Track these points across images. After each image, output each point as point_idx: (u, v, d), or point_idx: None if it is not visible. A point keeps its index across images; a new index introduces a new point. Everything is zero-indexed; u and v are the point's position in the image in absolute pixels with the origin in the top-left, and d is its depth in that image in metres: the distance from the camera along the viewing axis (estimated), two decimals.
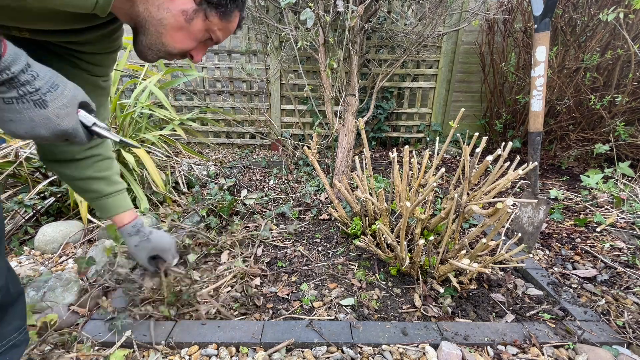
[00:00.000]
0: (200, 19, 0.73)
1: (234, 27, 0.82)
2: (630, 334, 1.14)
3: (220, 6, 0.74)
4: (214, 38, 0.80)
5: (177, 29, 0.72)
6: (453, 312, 1.26)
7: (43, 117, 0.59)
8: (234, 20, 0.80)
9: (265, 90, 3.58)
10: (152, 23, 0.70)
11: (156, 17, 0.69)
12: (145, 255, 1.07)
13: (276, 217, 2.02)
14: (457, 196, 1.29)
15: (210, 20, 0.75)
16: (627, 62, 2.57)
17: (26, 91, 0.56)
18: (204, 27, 0.75)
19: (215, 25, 0.77)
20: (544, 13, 1.50)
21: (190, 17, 0.72)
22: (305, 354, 1.05)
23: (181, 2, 0.70)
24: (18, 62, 0.55)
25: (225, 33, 0.81)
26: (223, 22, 0.77)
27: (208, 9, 0.73)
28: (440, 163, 3.08)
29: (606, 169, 2.34)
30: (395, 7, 3.19)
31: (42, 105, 0.58)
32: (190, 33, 0.74)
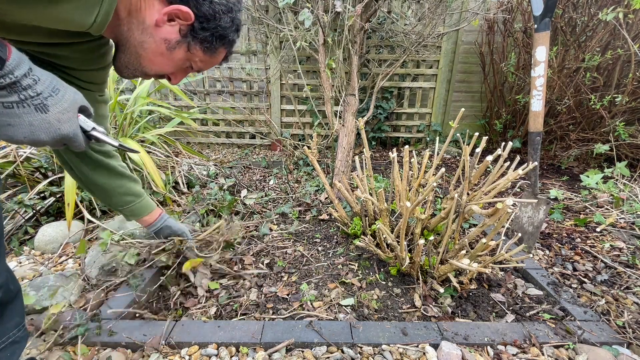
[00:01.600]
0: (182, 49, 0.74)
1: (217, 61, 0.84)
2: (630, 334, 1.14)
3: (206, 42, 0.75)
4: (195, 67, 0.81)
5: (157, 54, 0.73)
6: (453, 312, 1.26)
7: (44, 121, 0.58)
8: (219, 56, 0.82)
9: (265, 90, 3.58)
10: (132, 44, 0.71)
11: (138, 39, 0.70)
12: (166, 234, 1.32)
13: (276, 217, 2.02)
14: (457, 196, 1.29)
15: (193, 52, 0.76)
16: (627, 62, 2.57)
17: (27, 95, 0.56)
18: (186, 57, 0.77)
19: (197, 57, 0.78)
20: (544, 13, 1.50)
21: (173, 47, 0.73)
22: (305, 354, 1.05)
23: (166, 32, 0.71)
24: (21, 66, 0.55)
25: (207, 65, 0.82)
26: (206, 55, 0.78)
27: (192, 42, 0.74)
28: (440, 163, 3.08)
29: (606, 169, 2.34)
30: (395, 7, 3.19)
31: (43, 110, 0.58)
32: (170, 60, 0.75)
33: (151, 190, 2.00)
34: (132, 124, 2.25)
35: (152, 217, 1.27)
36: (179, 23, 0.71)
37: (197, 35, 0.73)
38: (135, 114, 2.21)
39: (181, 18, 0.70)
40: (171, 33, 0.71)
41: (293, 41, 2.55)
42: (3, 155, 1.77)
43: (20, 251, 1.59)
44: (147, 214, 1.24)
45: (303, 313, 1.24)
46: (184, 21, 0.70)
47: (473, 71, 3.54)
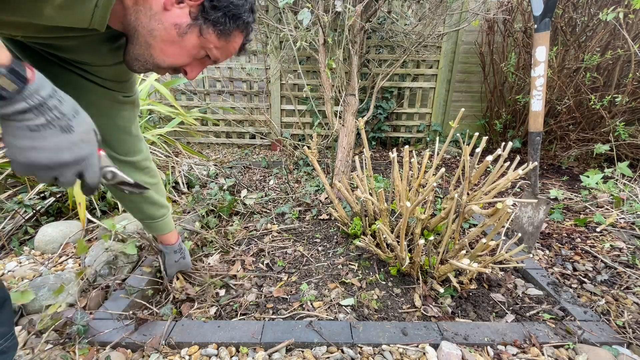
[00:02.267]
0: (194, 34, 0.69)
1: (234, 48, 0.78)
2: (630, 334, 1.14)
3: (218, 24, 0.70)
4: (211, 56, 0.76)
5: (168, 42, 0.68)
6: (453, 312, 1.26)
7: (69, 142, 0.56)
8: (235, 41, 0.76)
9: (265, 90, 3.58)
10: (141, 33, 0.67)
11: (147, 27, 0.66)
12: (178, 269, 1.31)
13: (276, 217, 2.02)
14: (457, 196, 1.29)
15: (206, 37, 0.71)
16: (627, 62, 2.57)
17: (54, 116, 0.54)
18: (199, 43, 0.71)
19: (211, 43, 0.72)
20: (544, 13, 1.50)
21: (184, 32, 0.68)
22: (305, 354, 1.05)
23: (175, 15, 0.66)
24: (45, 86, 0.53)
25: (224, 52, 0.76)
26: (221, 40, 0.73)
27: (204, 25, 0.69)
28: (440, 163, 3.08)
29: (606, 169, 2.34)
30: (395, 7, 3.19)
31: (68, 130, 0.56)
32: (182, 48, 0.70)
33: None
34: None
35: (175, 234, 1.24)
36: (188, 4, 0.67)
37: (208, 16, 0.68)
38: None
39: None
40: (181, 16, 0.67)
41: (293, 41, 2.55)
42: (3, 155, 1.77)
43: (20, 251, 1.59)
44: (173, 228, 1.22)
45: (303, 313, 1.24)
46: (193, 1, 0.66)
47: (473, 71, 3.54)
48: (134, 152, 0.98)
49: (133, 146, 0.97)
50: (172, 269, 1.30)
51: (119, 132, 0.91)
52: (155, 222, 1.13)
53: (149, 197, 1.06)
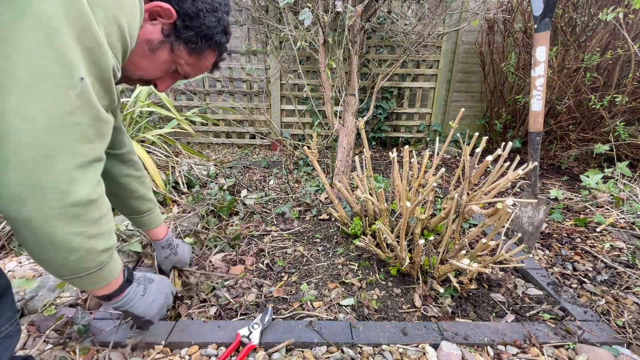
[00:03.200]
0: (166, 50, 0.71)
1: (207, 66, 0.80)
2: (630, 334, 1.14)
3: (190, 42, 0.72)
4: (181, 72, 0.77)
5: (139, 56, 0.70)
6: (453, 312, 1.26)
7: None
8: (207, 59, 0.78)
9: (265, 90, 3.58)
10: None
11: None
12: (170, 265, 1.28)
13: (276, 217, 2.02)
14: (457, 196, 1.29)
15: (177, 53, 0.73)
16: (627, 62, 2.57)
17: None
18: (171, 59, 0.73)
19: (182, 59, 0.74)
20: (544, 13, 1.50)
21: (155, 47, 0.70)
22: (305, 354, 1.05)
23: (147, 31, 0.68)
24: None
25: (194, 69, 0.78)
26: (192, 57, 0.75)
27: (176, 42, 0.71)
28: (440, 163, 3.08)
29: (606, 169, 2.34)
30: (395, 7, 3.19)
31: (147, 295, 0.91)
32: (154, 62, 0.72)
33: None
34: (133, 124, 2.25)
35: (163, 229, 1.22)
36: (161, 22, 0.68)
37: (180, 34, 0.70)
38: (136, 114, 2.21)
39: (163, 16, 0.68)
40: (153, 33, 0.68)
41: (293, 41, 2.55)
42: None
43: (20, 251, 1.59)
44: (161, 223, 1.20)
45: (303, 313, 1.24)
46: (166, 19, 0.68)
47: (473, 71, 3.54)
48: (118, 145, 0.99)
49: (116, 139, 0.97)
50: (164, 265, 1.28)
51: None
52: (142, 217, 1.12)
53: (134, 191, 1.06)
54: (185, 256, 1.32)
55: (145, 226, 1.16)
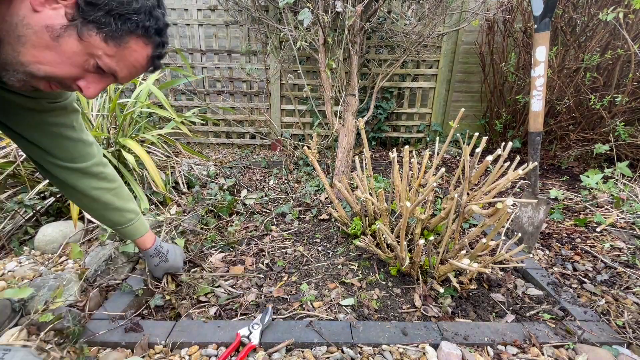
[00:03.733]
0: (72, 37, 0.59)
1: (137, 59, 0.66)
2: (630, 334, 1.14)
3: (102, 24, 0.59)
4: (104, 67, 0.64)
5: (40, 47, 0.59)
6: (453, 312, 1.26)
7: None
8: (134, 49, 0.64)
9: (265, 90, 3.58)
10: (8, 41, 0.58)
11: (14, 32, 0.57)
12: (162, 272, 1.28)
13: (276, 217, 2.02)
14: (457, 196, 1.29)
15: (88, 40, 0.60)
16: (627, 62, 2.57)
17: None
18: (83, 49, 0.61)
19: (98, 49, 0.61)
20: (544, 13, 1.50)
21: (57, 34, 0.58)
22: (305, 354, 1.05)
23: (47, 16, 0.57)
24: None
25: (119, 61, 0.64)
26: (110, 46, 0.62)
27: (82, 26, 0.59)
28: (440, 163, 3.08)
29: (606, 169, 2.34)
30: (395, 7, 3.19)
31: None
32: (60, 54, 0.60)
33: (151, 190, 2.00)
34: (133, 124, 2.25)
35: (150, 238, 1.19)
36: (63, 4, 0.57)
37: (86, 16, 0.58)
38: (136, 114, 2.21)
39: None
40: (54, 17, 0.57)
41: (293, 41, 2.55)
42: (3, 155, 1.77)
43: (20, 251, 1.59)
44: (146, 232, 1.17)
45: (303, 313, 1.24)
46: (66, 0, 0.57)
47: (473, 71, 3.54)
48: (81, 158, 0.93)
49: (78, 152, 0.91)
50: (156, 273, 1.27)
51: (57, 138, 0.86)
52: (123, 228, 1.09)
53: (108, 203, 1.02)
54: (177, 261, 1.29)
55: (129, 236, 1.13)
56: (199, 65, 3.53)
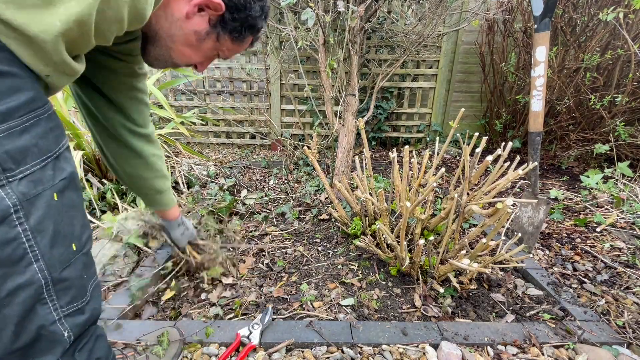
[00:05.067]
0: (211, 39, 0.74)
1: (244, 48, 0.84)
2: (630, 334, 1.14)
3: (235, 32, 0.75)
4: (222, 55, 0.82)
5: (187, 45, 0.73)
6: (453, 312, 1.26)
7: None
8: (246, 43, 0.82)
9: (265, 90, 3.58)
10: (162, 37, 0.71)
11: (167, 32, 0.71)
12: (186, 241, 1.36)
13: (276, 217, 2.02)
14: (457, 196, 1.29)
15: (221, 42, 0.76)
16: (627, 62, 2.57)
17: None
18: (214, 47, 0.77)
19: (225, 46, 0.78)
20: (544, 13, 1.50)
21: (202, 38, 0.73)
22: (305, 354, 1.05)
23: (196, 23, 0.70)
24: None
25: (233, 52, 0.82)
26: (234, 45, 0.79)
27: (222, 32, 0.74)
28: (440, 163, 3.08)
29: (606, 169, 2.34)
30: (395, 7, 3.19)
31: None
32: (199, 50, 0.76)
33: None
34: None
35: (177, 209, 1.27)
36: (209, 13, 0.70)
37: (226, 25, 0.73)
38: None
39: (211, 8, 0.69)
40: (201, 24, 0.71)
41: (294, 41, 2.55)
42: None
43: None
44: (175, 204, 1.24)
45: (303, 313, 1.24)
46: (214, 11, 0.70)
47: (473, 71, 3.54)
48: (149, 125, 1.02)
49: (148, 118, 1.01)
50: (181, 242, 1.35)
51: (137, 103, 0.94)
52: (164, 196, 1.15)
53: (159, 170, 1.08)
54: (193, 230, 1.41)
55: (166, 204, 1.19)
56: None
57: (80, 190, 0.64)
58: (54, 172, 0.54)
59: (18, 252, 0.51)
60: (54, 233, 0.55)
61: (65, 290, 0.58)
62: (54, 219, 0.55)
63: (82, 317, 0.61)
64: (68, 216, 0.58)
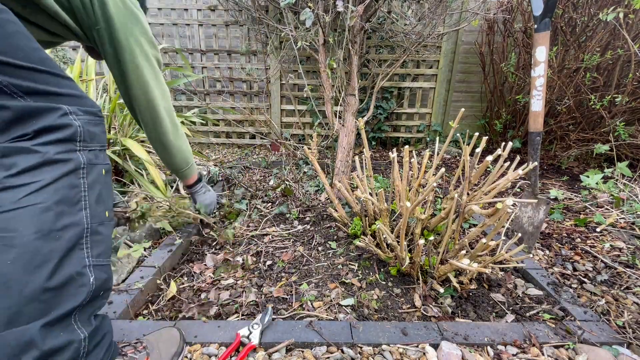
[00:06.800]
0: None
1: None
2: (630, 334, 1.14)
3: None
4: None
5: None
6: (453, 312, 1.26)
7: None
8: None
9: (265, 90, 3.58)
10: None
11: None
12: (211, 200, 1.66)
13: (276, 217, 2.02)
14: (457, 196, 1.29)
15: None
16: (627, 62, 2.57)
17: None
18: None
19: None
20: (543, 13, 1.50)
21: None
22: (305, 354, 1.05)
23: None
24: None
25: None
26: None
27: None
28: (440, 163, 3.08)
29: (606, 169, 2.34)
30: (395, 7, 3.19)
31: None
32: None
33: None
34: (133, 124, 2.25)
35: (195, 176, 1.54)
36: None
37: None
38: None
39: None
40: None
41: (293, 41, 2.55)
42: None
43: None
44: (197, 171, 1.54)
45: (303, 313, 1.24)
46: None
47: (473, 71, 3.54)
48: None
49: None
50: (209, 205, 1.63)
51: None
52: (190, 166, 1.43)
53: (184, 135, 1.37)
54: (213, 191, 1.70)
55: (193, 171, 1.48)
56: (199, 65, 3.53)
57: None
58: (104, 156, 0.78)
59: (78, 197, 0.69)
60: (99, 194, 0.74)
61: (98, 242, 0.72)
62: (101, 186, 0.74)
63: (104, 275, 0.74)
64: (108, 190, 0.78)
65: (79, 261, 0.67)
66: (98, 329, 0.74)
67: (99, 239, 0.72)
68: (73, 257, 0.66)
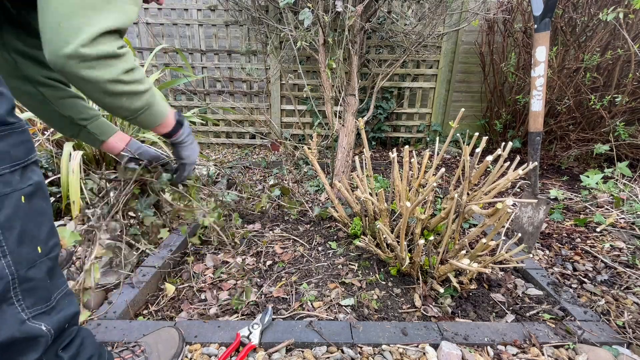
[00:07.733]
0: None
1: None
2: (630, 334, 1.14)
3: None
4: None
5: None
6: (453, 312, 1.26)
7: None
8: None
9: (265, 90, 3.58)
10: None
11: None
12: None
13: (276, 217, 2.02)
14: (457, 196, 1.29)
15: None
16: (627, 62, 2.57)
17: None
18: None
19: None
20: (544, 13, 1.50)
21: None
22: (305, 354, 1.05)
23: None
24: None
25: None
26: None
27: None
28: (440, 163, 3.08)
29: (606, 169, 2.34)
30: (395, 7, 3.19)
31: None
32: None
33: None
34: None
35: (123, 139, 1.14)
36: None
37: None
38: None
39: None
40: None
41: (293, 41, 2.55)
42: None
43: None
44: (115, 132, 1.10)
45: (303, 313, 1.24)
46: None
47: (473, 71, 3.54)
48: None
49: None
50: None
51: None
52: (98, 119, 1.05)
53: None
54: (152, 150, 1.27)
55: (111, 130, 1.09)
56: (199, 65, 3.53)
57: (49, 200, 0.66)
58: (20, 178, 0.58)
59: None
60: (21, 232, 0.57)
61: (31, 290, 0.59)
62: (22, 220, 0.57)
63: (50, 318, 0.62)
64: (35, 220, 0.60)
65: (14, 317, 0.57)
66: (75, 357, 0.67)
67: (32, 285, 0.59)
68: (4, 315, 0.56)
